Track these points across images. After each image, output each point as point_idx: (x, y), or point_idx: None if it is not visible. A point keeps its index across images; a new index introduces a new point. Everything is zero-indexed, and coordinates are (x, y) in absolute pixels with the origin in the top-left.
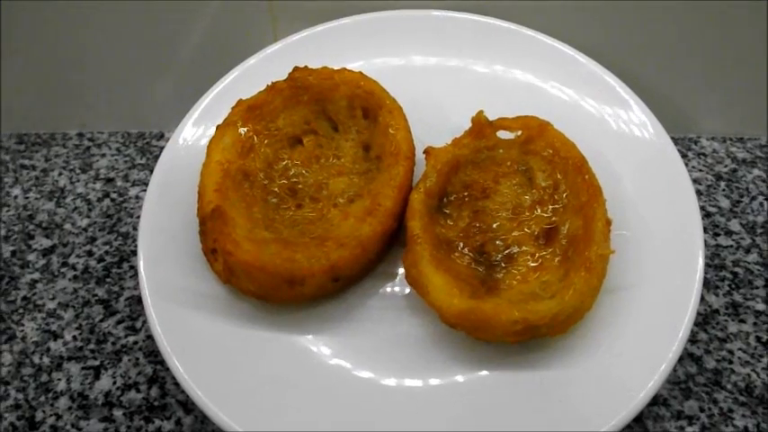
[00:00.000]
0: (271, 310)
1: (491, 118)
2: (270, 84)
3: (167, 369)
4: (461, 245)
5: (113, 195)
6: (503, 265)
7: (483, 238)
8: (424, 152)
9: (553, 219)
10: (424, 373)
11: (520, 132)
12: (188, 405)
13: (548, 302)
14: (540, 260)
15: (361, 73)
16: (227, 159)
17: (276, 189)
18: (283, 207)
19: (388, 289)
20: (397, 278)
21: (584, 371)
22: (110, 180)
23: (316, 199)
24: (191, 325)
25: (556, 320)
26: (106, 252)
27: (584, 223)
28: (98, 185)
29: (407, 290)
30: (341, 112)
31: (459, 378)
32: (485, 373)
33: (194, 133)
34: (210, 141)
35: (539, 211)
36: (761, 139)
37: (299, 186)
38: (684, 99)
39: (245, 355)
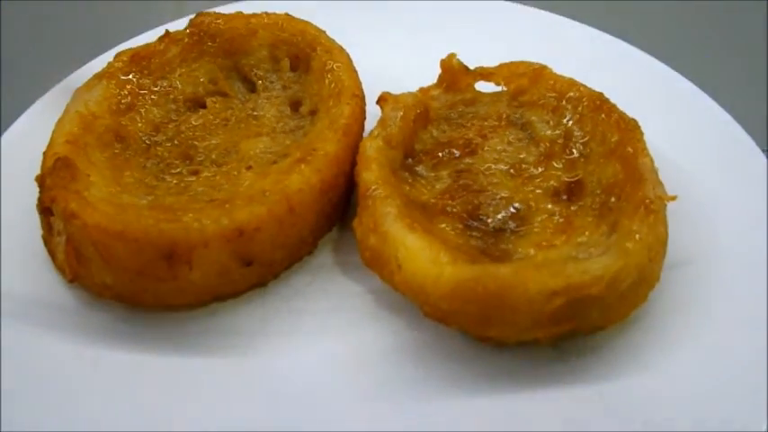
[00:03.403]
0: (143, 321)
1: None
2: (165, 32)
3: None
4: (445, 208)
5: None
6: (512, 227)
7: (476, 199)
8: (379, 99)
9: (576, 173)
10: (397, 407)
11: (504, 86)
12: None
13: (600, 259)
14: (566, 218)
15: (286, 14)
16: (92, 113)
17: (163, 153)
18: (172, 172)
19: (334, 284)
20: (348, 267)
21: (666, 378)
22: None
23: (220, 163)
24: (16, 353)
25: (615, 290)
26: None
27: (624, 165)
28: None
29: (363, 285)
30: (260, 66)
31: (456, 409)
32: (504, 396)
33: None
34: (75, 91)
35: (555, 164)
36: None
37: (198, 151)
38: None
39: (106, 398)
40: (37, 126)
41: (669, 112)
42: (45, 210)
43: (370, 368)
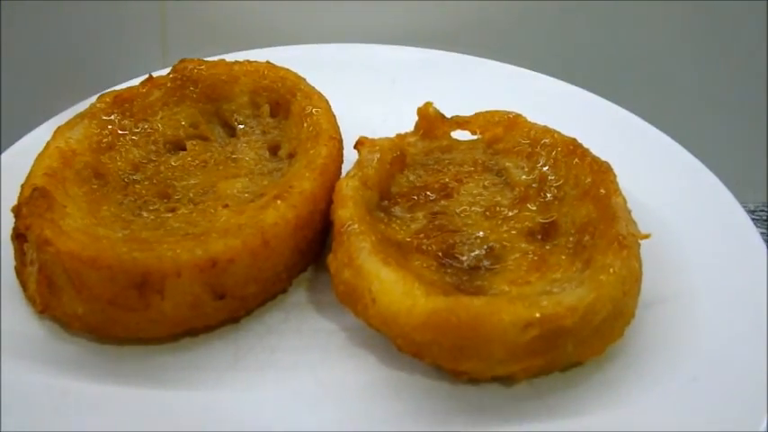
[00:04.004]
0: (113, 354)
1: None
2: (148, 76)
3: None
4: (420, 246)
5: None
6: (486, 265)
7: (451, 239)
8: (357, 143)
9: (550, 215)
10: None
11: (480, 135)
12: None
13: (575, 291)
14: (540, 256)
15: (268, 62)
16: (72, 149)
17: (141, 190)
18: (149, 208)
19: (307, 323)
20: (322, 306)
21: (644, 411)
22: None
23: (197, 202)
24: None
25: (589, 322)
26: None
27: (597, 205)
28: None
29: (337, 323)
30: (241, 112)
31: None
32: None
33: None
34: (56, 129)
35: (529, 206)
36: None
37: (176, 190)
38: None
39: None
40: (17, 164)
41: (640, 161)
42: (19, 236)
43: (342, 404)
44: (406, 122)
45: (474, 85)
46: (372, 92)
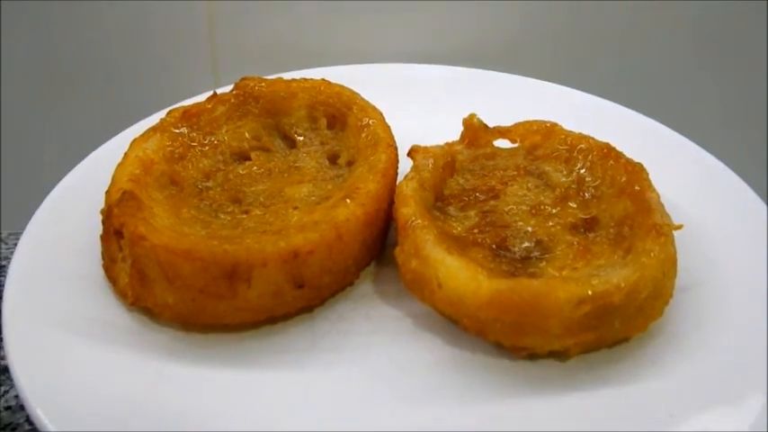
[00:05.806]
0: (200, 341)
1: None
2: (212, 93)
3: None
4: (476, 240)
5: None
6: (536, 255)
7: (502, 233)
8: (411, 151)
9: (590, 211)
10: (440, 410)
11: (520, 143)
12: None
13: (620, 271)
14: (585, 246)
15: (323, 79)
16: (150, 158)
17: (214, 196)
18: (225, 211)
19: (376, 310)
20: (387, 296)
21: (687, 379)
22: None
23: (268, 205)
24: (76, 368)
25: (633, 300)
26: None
27: (634, 201)
28: None
29: (403, 310)
30: (299, 125)
31: (495, 411)
32: (538, 399)
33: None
34: (132, 141)
35: (571, 204)
36: None
37: (246, 195)
38: None
39: (169, 406)
40: (95, 171)
41: (667, 164)
42: (116, 233)
43: (413, 378)
44: (445, 135)
45: (507, 100)
46: (413, 107)
